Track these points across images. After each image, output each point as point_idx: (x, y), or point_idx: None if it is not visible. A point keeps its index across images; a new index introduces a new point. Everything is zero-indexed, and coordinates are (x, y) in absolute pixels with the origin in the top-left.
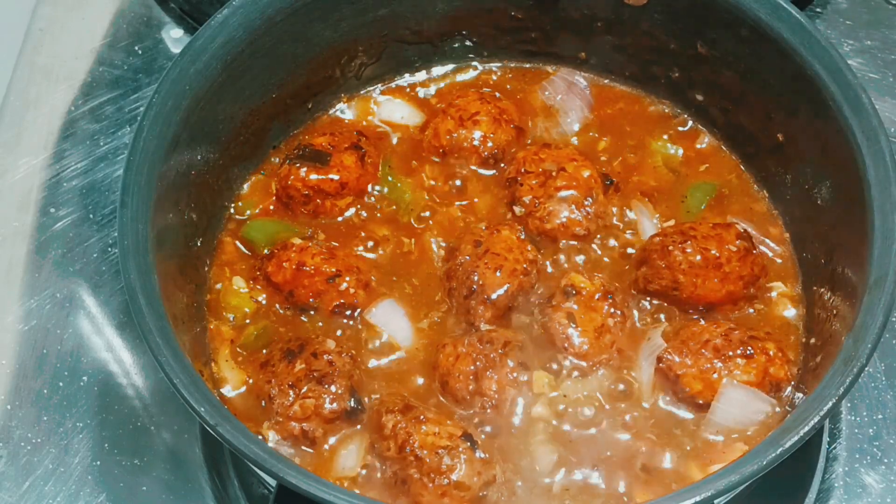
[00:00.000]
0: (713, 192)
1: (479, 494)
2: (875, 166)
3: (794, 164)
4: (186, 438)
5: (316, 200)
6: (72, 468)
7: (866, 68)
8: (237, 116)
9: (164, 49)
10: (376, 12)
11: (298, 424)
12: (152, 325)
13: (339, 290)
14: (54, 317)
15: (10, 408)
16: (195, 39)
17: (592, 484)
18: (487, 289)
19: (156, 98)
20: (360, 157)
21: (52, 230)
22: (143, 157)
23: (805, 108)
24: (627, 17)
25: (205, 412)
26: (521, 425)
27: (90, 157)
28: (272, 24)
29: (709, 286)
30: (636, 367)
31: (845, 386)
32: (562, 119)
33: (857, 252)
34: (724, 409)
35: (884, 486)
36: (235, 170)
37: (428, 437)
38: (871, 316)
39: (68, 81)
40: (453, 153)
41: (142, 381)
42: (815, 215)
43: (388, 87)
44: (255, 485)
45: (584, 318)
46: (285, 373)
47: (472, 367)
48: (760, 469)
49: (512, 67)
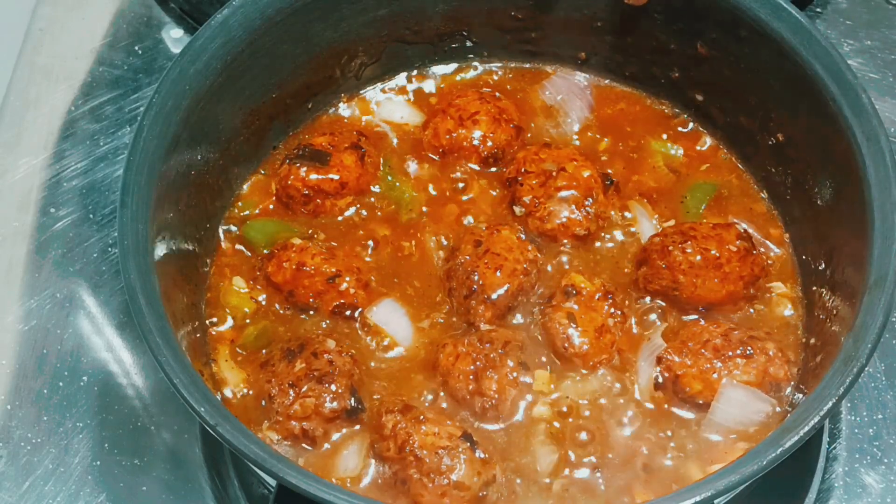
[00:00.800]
0: (713, 192)
1: (479, 494)
2: (875, 166)
3: (794, 164)
4: (186, 438)
5: (316, 200)
6: (72, 468)
7: (866, 68)
8: (237, 116)
9: (164, 49)
10: (376, 12)
11: (298, 423)
12: (152, 325)
13: (339, 290)
14: (54, 317)
15: (10, 408)
16: (195, 39)
17: (592, 484)
18: (487, 289)
19: (156, 98)
20: (360, 157)
21: (52, 230)
22: (143, 157)
23: (805, 108)
24: (627, 17)
25: (205, 412)
26: (521, 425)
27: (90, 157)
28: (272, 24)
29: (709, 286)
30: (636, 368)
31: (845, 386)
32: (562, 119)
33: (857, 252)
34: (724, 409)
35: (884, 486)
36: (235, 170)
37: (428, 437)
38: (871, 316)
39: (68, 81)
40: (453, 153)
41: (142, 381)
42: (815, 215)
43: (388, 87)
44: (255, 485)
45: (585, 318)
46: (285, 372)
47: (472, 367)
48: (760, 469)
49: (512, 67)
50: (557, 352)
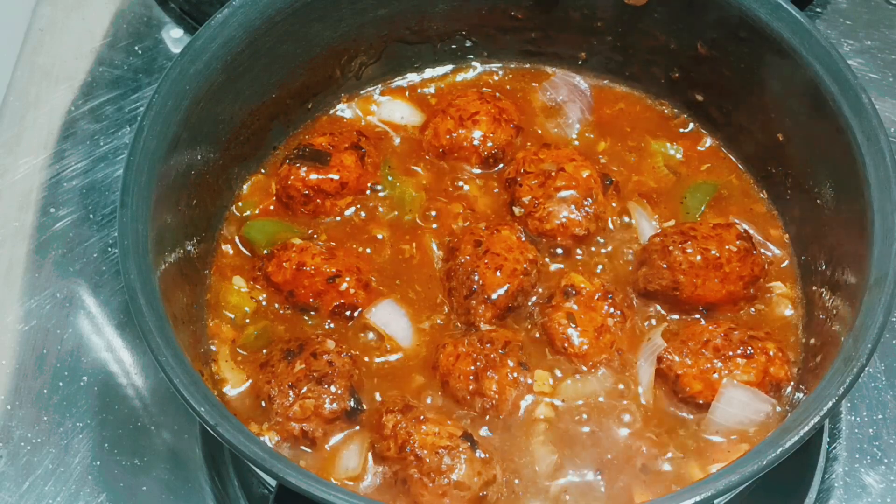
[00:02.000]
0: (713, 192)
1: (479, 494)
2: (875, 166)
3: (794, 164)
4: (186, 438)
5: (316, 200)
6: (72, 468)
7: (866, 68)
8: (237, 116)
9: (164, 49)
10: (376, 12)
11: (298, 425)
12: (152, 325)
13: (339, 290)
14: (54, 317)
15: (10, 408)
16: (195, 39)
17: (593, 484)
18: (487, 289)
19: (156, 98)
20: (360, 157)
21: (52, 230)
22: (143, 157)
23: (805, 108)
24: (627, 17)
25: (205, 412)
26: (522, 425)
27: (90, 157)
28: (272, 24)
29: (709, 286)
30: (636, 368)
31: (845, 386)
32: (562, 119)
33: (857, 252)
34: (724, 409)
35: (884, 486)
36: (235, 170)
37: (428, 437)
38: (871, 316)
39: (68, 81)
40: (453, 153)
41: (142, 381)
42: (814, 215)
43: (388, 87)
44: (255, 485)
45: (584, 318)
46: (285, 373)
47: (473, 367)
48: (760, 469)
49: (512, 68)
50: (557, 352)
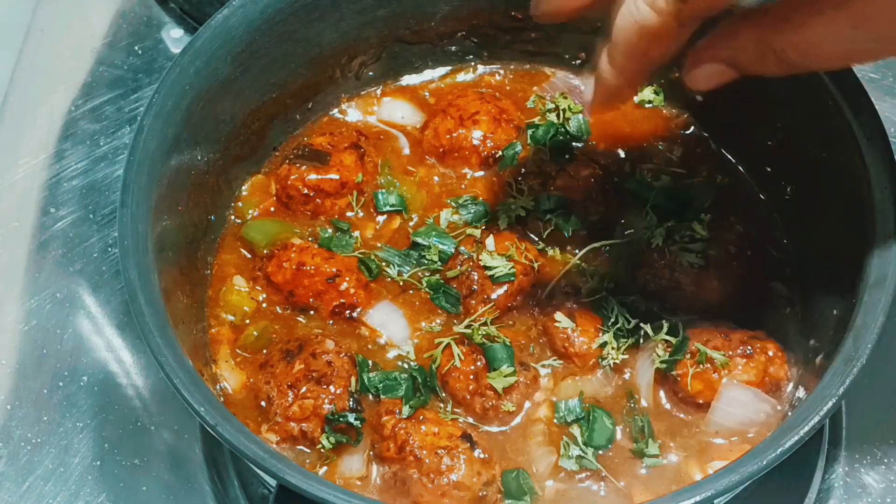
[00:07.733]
0: (713, 193)
1: (479, 494)
2: (875, 166)
3: (794, 164)
4: (186, 438)
5: (316, 200)
6: (72, 468)
7: (866, 68)
8: (237, 116)
9: (164, 49)
10: (376, 12)
11: (297, 425)
12: (152, 325)
13: (339, 290)
14: (54, 317)
15: (10, 408)
16: (195, 39)
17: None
18: (487, 289)
19: (156, 98)
20: (359, 157)
21: (52, 230)
22: (143, 157)
23: (805, 109)
24: None
25: (205, 412)
26: (521, 425)
27: (90, 157)
28: (272, 24)
29: (709, 287)
30: (636, 368)
31: (845, 386)
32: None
33: (857, 252)
34: (724, 409)
35: (884, 486)
36: (235, 170)
37: (427, 437)
38: (871, 316)
39: (68, 81)
40: (453, 153)
41: (142, 381)
42: (814, 216)
43: (388, 87)
44: (255, 485)
45: (584, 318)
46: (284, 373)
47: (472, 367)
48: (760, 469)
49: (512, 68)
50: (557, 352)
